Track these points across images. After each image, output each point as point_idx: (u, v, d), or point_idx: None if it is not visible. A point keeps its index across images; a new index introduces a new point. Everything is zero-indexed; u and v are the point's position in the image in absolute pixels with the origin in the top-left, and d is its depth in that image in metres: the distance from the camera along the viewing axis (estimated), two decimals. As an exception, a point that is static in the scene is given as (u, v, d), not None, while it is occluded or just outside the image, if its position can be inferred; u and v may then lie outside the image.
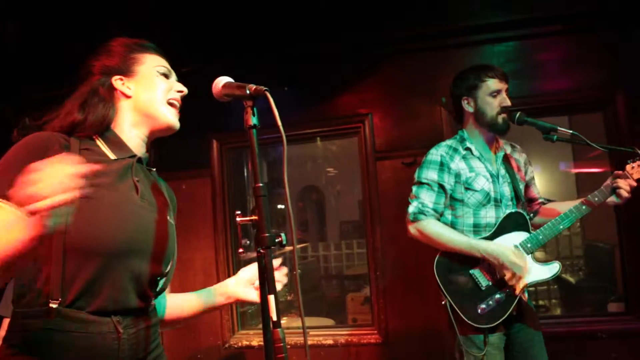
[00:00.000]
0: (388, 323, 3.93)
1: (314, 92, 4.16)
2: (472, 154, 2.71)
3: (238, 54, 4.07)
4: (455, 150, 2.72)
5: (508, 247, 2.55)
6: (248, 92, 1.41)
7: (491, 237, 2.61)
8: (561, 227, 2.60)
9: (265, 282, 1.32)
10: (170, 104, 1.65)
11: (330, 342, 3.99)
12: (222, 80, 1.51)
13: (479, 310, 2.53)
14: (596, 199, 2.58)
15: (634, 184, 2.54)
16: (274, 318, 1.29)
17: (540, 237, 2.60)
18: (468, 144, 2.72)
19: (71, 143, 1.49)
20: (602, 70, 3.72)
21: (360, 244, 7.90)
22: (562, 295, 5.66)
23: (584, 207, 2.59)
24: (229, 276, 4.20)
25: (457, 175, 2.67)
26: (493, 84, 2.68)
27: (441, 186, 2.66)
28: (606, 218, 4.09)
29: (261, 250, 1.33)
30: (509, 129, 2.72)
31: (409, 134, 3.96)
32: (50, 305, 1.38)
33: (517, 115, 2.66)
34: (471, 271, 2.59)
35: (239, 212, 1.42)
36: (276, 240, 1.34)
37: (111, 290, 1.44)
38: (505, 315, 2.54)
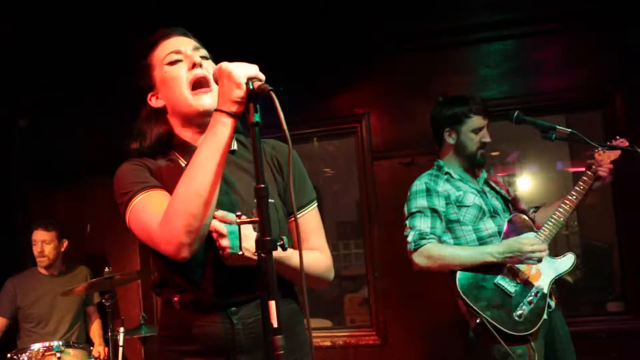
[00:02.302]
0: (386, 324, 3.90)
1: (311, 92, 4.12)
2: (452, 177, 2.71)
3: (233, 53, 4.02)
4: (437, 176, 2.71)
5: (517, 238, 2.52)
6: (252, 88, 1.36)
7: None
8: (562, 220, 2.61)
9: (266, 287, 1.27)
10: (194, 87, 1.54)
11: (328, 343, 3.96)
12: None
13: (517, 317, 2.45)
14: (574, 196, 2.61)
15: (611, 166, 2.59)
16: (275, 324, 1.25)
17: (547, 232, 2.59)
18: (447, 169, 2.72)
19: (157, 161, 1.60)
20: (601, 69, 3.72)
21: (358, 245, 7.84)
22: (560, 295, 5.63)
23: (571, 204, 2.62)
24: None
25: (447, 197, 2.64)
26: (477, 120, 2.69)
27: (433, 210, 2.61)
28: (604, 217, 4.08)
29: (262, 255, 1.28)
30: (485, 163, 2.76)
31: (406, 133, 3.93)
32: (174, 299, 1.56)
33: (516, 114, 2.65)
34: (495, 281, 2.51)
35: (239, 214, 1.38)
36: (278, 243, 1.30)
37: (212, 281, 1.51)
38: (544, 316, 2.48)
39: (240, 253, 1.37)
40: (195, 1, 3.70)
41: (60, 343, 3.18)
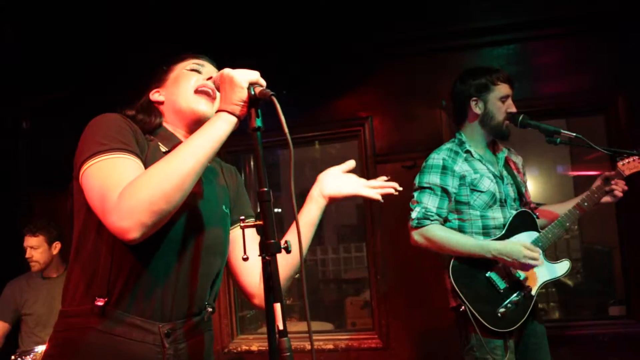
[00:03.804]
0: (389, 327, 3.89)
1: (314, 95, 4.13)
2: (472, 156, 2.68)
3: (235, 56, 4.02)
4: (457, 153, 2.68)
5: (519, 242, 2.52)
6: (253, 93, 1.38)
7: (503, 238, 2.58)
8: (567, 224, 2.63)
9: (271, 290, 1.28)
10: (199, 92, 1.56)
11: (330, 346, 3.95)
12: None
13: (499, 314, 2.48)
14: (585, 204, 2.63)
15: (625, 187, 2.61)
16: (281, 327, 1.25)
17: (550, 235, 2.62)
18: (467, 147, 2.69)
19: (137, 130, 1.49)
20: (603, 73, 3.72)
21: (358, 248, 7.85)
22: (560, 299, 5.64)
23: (577, 211, 2.63)
24: (228, 284, 4.18)
25: (462, 178, 2.62)
26: (504, 88, 2.67)
27: (444, 190, 2.60)
28: (604, 221, 4.07)
29: (267, 257, 1.28)
30: (510, 135, 2.72)
31: (409, 137, 3.93)
32: (96, 303, 1.34)
33: (521, 118, 2.65)
34: (487, 274, 2.54)
35: (242, 217, 1.39)
36: (282, 246, 1.30)
37: (163, 292, 1.38)
38: (525, 317, 2.50)
39: None
40: (196, 4, 3.70)
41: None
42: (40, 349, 3.14)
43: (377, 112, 4.04)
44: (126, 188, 1.26)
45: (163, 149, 1.53)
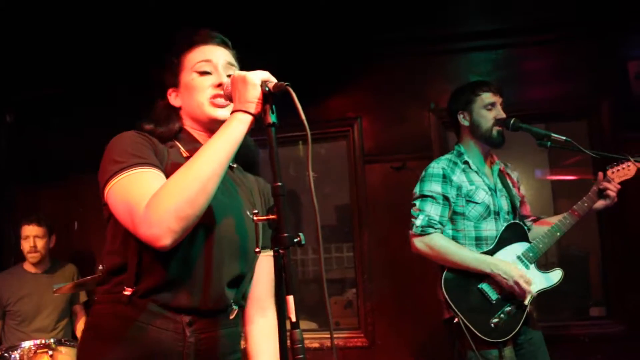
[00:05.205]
0: (375, 326, 3.93)
1: (303, 95, 4.10)
2: (470, 167, 2.73)
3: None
4: (455, 164, 2.72)
5: (515, 266, 2.57)
6: (267, 89, 1.39)
7: (494, 250, 2.62)
8: (558, 234, 2.66)
9: (284, 283, 1.29)
10: (213, 104, 1.55)
11: (316, 345, 3.98)
12: None
13: (492, 325, 2.50)
14: (585, 204, 2.66)
15: (619, 186, 2.63)
16: (293, 319, 1.27)
17: (541, 245, 2.66)
18: (466, 158, 2.74)
19: (159, 146, 1.52)
20: (588, 79, 3.81)
21: (339, 249, 7.85)
22: (537, 301, 5.71)
23: (573, 215, 2.67)
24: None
25: (459, 188, 2.66)
26: (487, 97, 2.71)
27: (445, 198, 2.64)
28: (581, 226, 4.15)
29: (280, 251, 1.29)
30: (504, 142, 2.75)
31: (398, 138, 3.98)
32: (124, 292, 1.40)
33: (512, 121, 2.68)
34: (480, 285, 2.56)
35: (256, 211, 1.41)
36: (295, 240, 1.31)
37: (184, 285, 1.42)
38: (518, 327, 2.53)
39: None
40: (190, 4, 3.69)
41: (52, 341, 3.13)
42: (28, 344, 3.09)
43: (367, 113, 4.08)
44: (151, 199, 1.30)
45: (185, 153, 1.54)
